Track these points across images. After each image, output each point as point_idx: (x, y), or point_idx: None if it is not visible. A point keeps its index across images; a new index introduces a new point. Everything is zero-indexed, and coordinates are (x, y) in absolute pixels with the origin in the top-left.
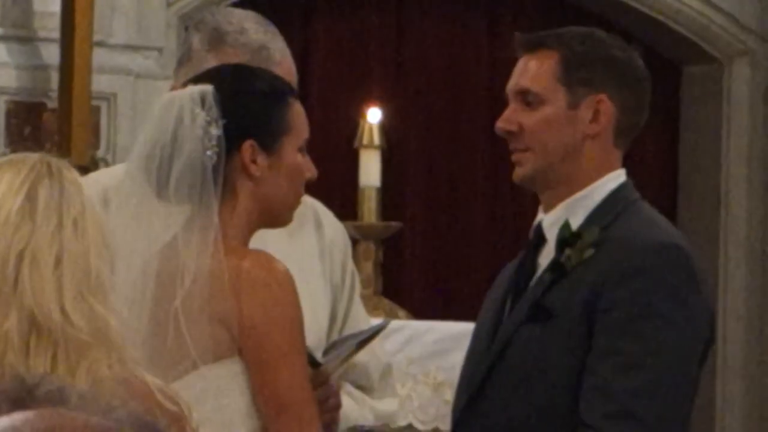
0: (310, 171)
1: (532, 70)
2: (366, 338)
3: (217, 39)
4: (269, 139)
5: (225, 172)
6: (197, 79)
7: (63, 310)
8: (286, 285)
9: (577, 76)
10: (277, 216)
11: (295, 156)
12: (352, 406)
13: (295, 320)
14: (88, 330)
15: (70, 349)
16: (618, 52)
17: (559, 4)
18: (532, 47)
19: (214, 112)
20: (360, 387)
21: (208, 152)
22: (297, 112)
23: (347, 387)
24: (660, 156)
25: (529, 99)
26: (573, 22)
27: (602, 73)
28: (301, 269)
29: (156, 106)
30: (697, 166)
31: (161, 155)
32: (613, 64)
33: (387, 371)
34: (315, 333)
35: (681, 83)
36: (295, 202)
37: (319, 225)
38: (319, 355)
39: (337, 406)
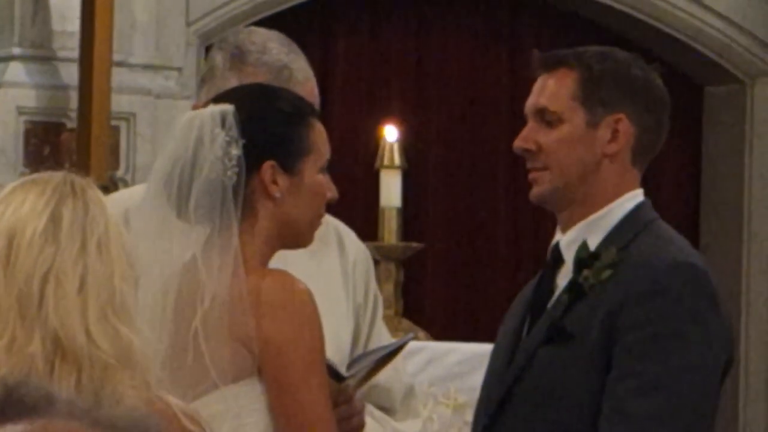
0: (331, 191)
1: (550, 89)
2: (390, 353)
3: (239, 58)
4: (290, 159)
5: (245, 193)
6: (218, 99)
7: (87, 332)
8: (307, 305)
9: (595, 95)
10: (297, 237)
11: (315, 177)
12: (375, 427)
13: (316, 340)
14: (112, 352)
15: (95, 371)
16: (637, 72)
17: (580, 22)
18: (551, 66)
19: (235, 132)
20: (382, 408)
21: (228, 172)
22: (318, 133)
23: (369, 408)
24: (682, 176)
25: (547, 118)
26: (594, 41)
27: (621, 93)
28: (323, 289)
29: (176, 126)
30: (719, 186)
31: (181, 174)
32: (632, 83)
33: (409, 393)
34: (338, 353)
35: (703, 103)
36: (316, 223)
37: (341, 245)
38: (342, 370)
39: (361, 425)
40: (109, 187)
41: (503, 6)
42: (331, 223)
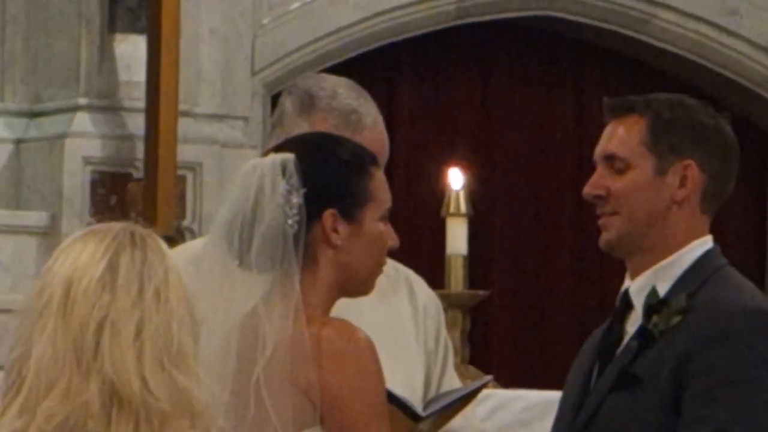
0: (393, 240)
1: (619, 136)
2: (467, 394)
3: (308, 103)
4: (351, 207)
5: (306, 241)
6: (280, 148)
7: (143, 380)
8: (368, 354)
9: (664, 142)
10: (358, 285)
11: (376, 225)
12: None
13: (377, 390)
14: (169, 400)
15: (153, 420)
16: (706, 119)
17: (646, 69)
18: (621, 112)
19: (295, 180)
20: None
21: (289, 221)
22: (379, 181)
23: None
24: (748, 223)
25: (616, 164)
26: (660, 89)
27: (690, 140)
28: (394, 335)
29: (238, 174)
30: None
31: (242, 223)
32: (701, 130)
33: None
34: (409, 398)
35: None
36: (377, 271)
37: (412, 292)
38: (419, 410)
39: None
40: (176, 237)
41: (568, 52)
42: (401, 270)
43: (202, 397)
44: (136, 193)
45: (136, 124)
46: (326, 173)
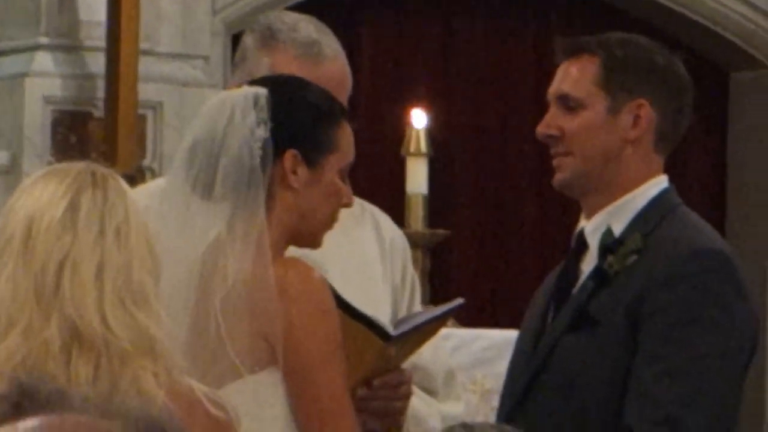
0: (347, 197)
1: (572, 76)
2: (437, 317)
3: (269, 36)
4: (313, 153)
5: (267, 178)
6: (253, 83)
7: (104, 319)
8: (323, 293)
9: (617, 81)
10: (308, 235)
11: (335, 177)
12: (420, 403)
13: (333, 329)
14: (129, 338)
15: (113, 358)
16: (659, 58)
17: (607, 10)
18: (574, 52)
19: (265, 114)
20: (424, 390)
21: (254, 153)
22: (346, 134)
23: (413, 387)
24: (708, 162)
25: (569, 104)
26: (621, 28)
27: (643, 79)
28: (361, 269)
29: (209, 103)
30: (745, 172)
31: (209, 151)
32: (654, 69)
33: (450, 375)
34: None
35: (729, 89)
36: (328, 225)
37: (377, 227)
38: (390, 329)
39: (408, 394)
40: (136, 176)
41: None
42: (366, 207)
43: (163, 336)
44: (97, 133)
45: (97, 63)
46: (295, 113)
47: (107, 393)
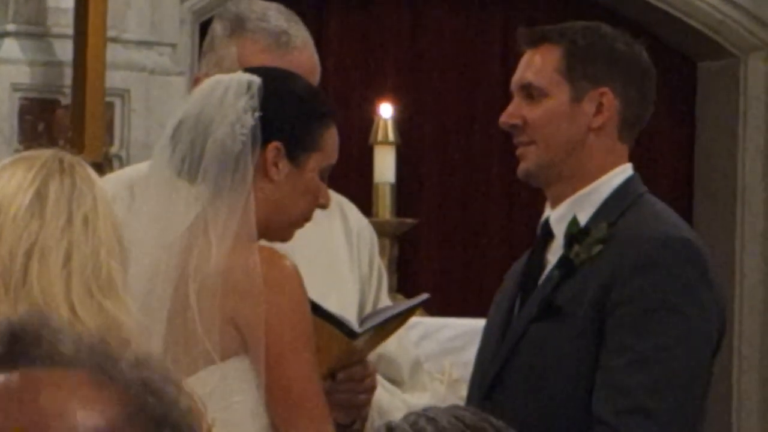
0: (324, 197)
1: (535, 65)
2: (402, 312)
3: (238, 25)
4: (297, 149)
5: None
6: (248, 71)
7: (71, 308)
8: (295, 282)
9: (580, 69)
10: (280, 229)
11: (315, 175)
12: (384, 394)
13: (304, 318)
14: (96, 327)
15: None
16: (622, 46)
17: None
18: (536, 42)
19: (255, 102)
20: (390, 380)
21: (238, 139)
22: (331, 135)
23: (379, 378)
24: (676, 151)
25: (532, 93)
26: (587, 16)
27: (605, 67)
28: (328, 259)
29: (202, 85)
30: (713, 161)
31: (195, 132)
32: (616, 57)
33: (417, 365)
34: None
35: (697, 78)
36: (300, 222)
37: (344, 217)
38: (355, 326)
39: (373, 386)
40: (103, 163)
41: None
42: (334, 197)
43: (130, 325)
44: (64, 120)
45: (64, 50)
46: (285, 107)
47: (104, 350)
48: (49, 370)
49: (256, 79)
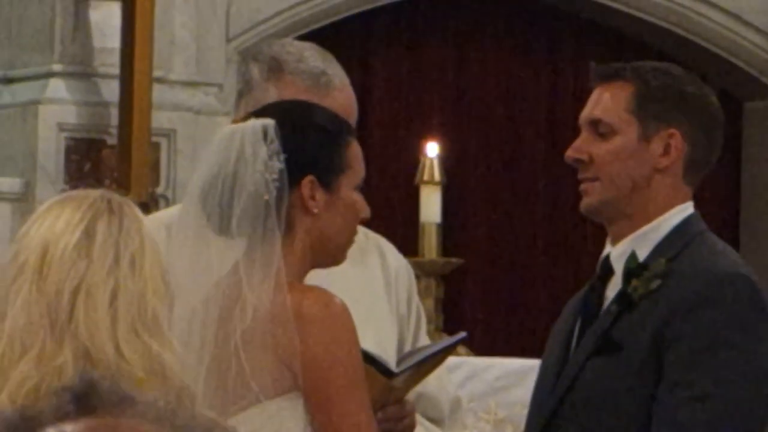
0: (365, 210)
1: (605, 101)
2: (441, 350)
3: (276, 68)
4: (328, 175)
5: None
6: (257, 114)
7: (117, 347)
8: (345, 321)
9: (650, 109)
10: (332, 254)
11: (352, 194)
12: None
13: (354, 356)
14: (142, 367)
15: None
16: (693, 89)
17: (620, 38)
18: (608, 78)
19: (276, 146)
20: (430, 419)
21: (270, 186)
22: (355, 151)
23: (419, 417)
24: (722, 191)
25: (600, 129)
26: (634, 56)
27: (676, 109)
28: (367, 299)
29: (216, 139)
30: (759, 200)
31: (222, 189)
32: (687, 100)
33: (456, 404)
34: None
35: (743, 118)
36: (350, 241)
37: (383, 257)
38: (393, 366)
39: (412, 426)
40: (149, 203)
41: (543, 21)
42: (371, 236)
43: (175, 364)
44: (110, 160)
45: (111, 90)
46: (306, 140)
47: (174, 406)
48: (123, 420)
49: (270, 122)
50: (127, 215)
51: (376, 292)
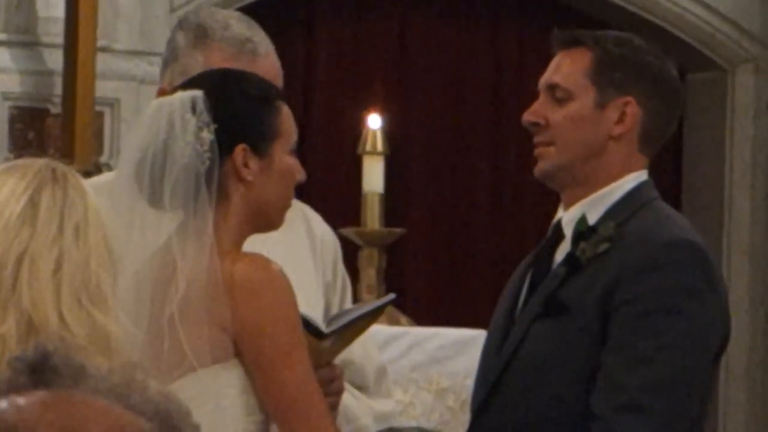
0: (300, 173)
1: (564, 67)
2: (371, 311)
3: (201, 35)
4: (261, 142)
5: (217, 177)
6: (185, 85)
7: (60, 316)
8: (282, 285)
9: (608, 76)
10: (269, 220)
11: (285, 159)
12: (351, 399)
13: (294, 320)
14: (85, 337)
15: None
16: (652, 59)
17: (562, 9)
18: (569, 45)
19: (206, 117)
20: (356, 386)
21: (202, 158)
22: (286, 115)
23: (345, 384)
24: (664, 163)
25: (558, 94)
26: (575, 27)
27: (634, 77)
28: (293, 266)
29: (145, 113)
30: (700, 173)
31: (153, 162)
32: (646, 70)
33: (382, 372)
34: None
35: (685, 91)
36: (286, 205)
37: (308, 224)
38: (323, 327)
39: (341, 389)
40: (93, 172)
41: None
42: (297, 205)
43: (119, 334)
44: (54, 129)
45: (55, 59)
46: (236, 109)
47: (128, 379)
48: (77, 393)
49: (198, 94)
50: (71, 184)
51: (302, 258)
